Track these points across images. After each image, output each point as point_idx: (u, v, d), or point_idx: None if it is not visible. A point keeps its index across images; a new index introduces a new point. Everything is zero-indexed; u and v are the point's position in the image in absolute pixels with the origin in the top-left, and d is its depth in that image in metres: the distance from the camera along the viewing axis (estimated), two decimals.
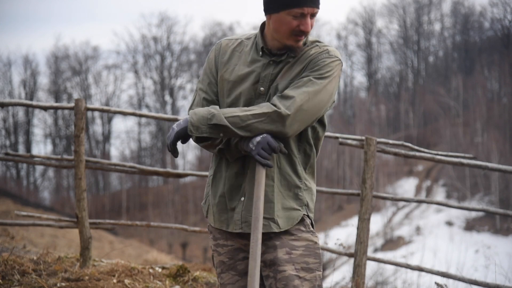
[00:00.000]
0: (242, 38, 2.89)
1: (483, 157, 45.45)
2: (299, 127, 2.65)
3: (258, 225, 2.62)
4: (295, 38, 2.70)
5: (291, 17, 2.66)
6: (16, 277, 5.15)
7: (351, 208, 47.70)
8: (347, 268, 21.66)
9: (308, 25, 2.67)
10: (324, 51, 2.74)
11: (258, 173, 2.66)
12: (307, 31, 2.68)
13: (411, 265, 6.40)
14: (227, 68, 2.82)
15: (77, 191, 5.96)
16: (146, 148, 60.44)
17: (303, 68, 2.73)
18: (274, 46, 2.75)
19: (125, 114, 6.35)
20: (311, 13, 2.68)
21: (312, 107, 2.64)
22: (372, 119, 64.02)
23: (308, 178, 2.82)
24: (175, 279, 5.69)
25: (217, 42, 2.95)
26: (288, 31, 2.68)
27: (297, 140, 2.77)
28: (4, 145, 54.88)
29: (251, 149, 2.62)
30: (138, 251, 25.07)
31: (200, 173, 6.68)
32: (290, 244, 2.75)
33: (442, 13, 71.36)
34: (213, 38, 63.61)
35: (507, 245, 34.78)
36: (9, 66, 58.11)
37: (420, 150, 6.31)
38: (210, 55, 2.90)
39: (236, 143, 2.70)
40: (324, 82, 2.68)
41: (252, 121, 2.61)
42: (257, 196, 2.65)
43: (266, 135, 2.62)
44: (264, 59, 2.77)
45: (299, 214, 2.77)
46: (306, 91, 2.64)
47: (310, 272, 2.74)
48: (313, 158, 2.83)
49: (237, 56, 2.83)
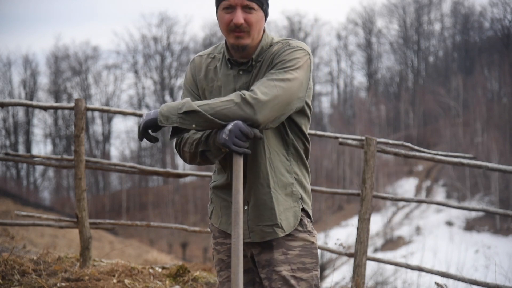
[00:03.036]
0: (214, 52, 2.88)
1: (483, 157, 45.48)
2: (271, 114, 2.60)
3: (238, 220, 2.60)
4: (233, 34, 2.67)
5: (224, 12, 2.67)
6: (16, 277, 5.15)
7: (351, 208, 47.70)
8: (347, 268, 21.65)
9: (239, 17, 2.64)
10: (285, 44, 2.73)
11: (236, 164, 2.62)
12: (238, 23, 2.64)
13: (411, 265, 6.40)
14: (207, 84, 2.83)
15: (77, 191, 5.96)
16: (146, 148, 60.43)
17: (269, 66, 2.72)
18: (236, 55, 2.75)
19: (125, 114, 6.34)
20: (241, 4, 2.65)
21: (282, 94, 2.60)
22: (372, 119, 64.02)
23: (296, 170, 2.81)
24: (175, 279, 5.69)
25: (190, 60, 2.95)
26: (225, 27, 2.68)
27: (284, 134, 2.77)
28: (4, 145, 54.89)
29: (225, 139, 2.58)
30: (138, 251, 25.08)
31: (200, 173, 6.68)
32: (286, 244, 2.76)
33: (442, 13, 71.40)
34: (213, 38, 63.64)
35: (507, 245, 34.78)
36: (9, 66, 58.21)
37: (420, 150, 6.31)
38: (187, 74, 2.91)
39: (213, 140, 2.68)
40: (291, 71, 2.65)
41: (221, 107, 2.58)
42: (236, 189, 2.62)
43: (237, 121, 2.57)
44: (234, 70, 2.77)
45: (297, 211, 2.78)
46: (273, 80, 2.63)
47: (307, 272, 2.75)
48: (303, 150, 2.83)
49: (213, 72, 2.83)
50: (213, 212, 2.92)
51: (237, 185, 2.62)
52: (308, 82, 2.72)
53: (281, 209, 2.75)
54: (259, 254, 2.78)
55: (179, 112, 2.60)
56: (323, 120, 68.38)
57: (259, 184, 2.74)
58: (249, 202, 2.77)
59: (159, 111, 2.64)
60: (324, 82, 70.10)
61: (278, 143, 2.77)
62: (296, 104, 2.68)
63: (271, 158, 2.75)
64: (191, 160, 2.78)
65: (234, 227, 2.61)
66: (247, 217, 2.77)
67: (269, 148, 2.75)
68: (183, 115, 2.60)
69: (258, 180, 2.74)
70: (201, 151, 2.73)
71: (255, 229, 2.76)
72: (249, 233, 2.77)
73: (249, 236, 2.77)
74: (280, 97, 2.60)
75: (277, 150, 2.76)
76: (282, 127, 2.76)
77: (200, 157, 2.75)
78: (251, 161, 2.74)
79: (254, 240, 2.76)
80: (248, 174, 2.75)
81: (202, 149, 2.72)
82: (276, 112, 2.62)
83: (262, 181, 2.74)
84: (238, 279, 2.57)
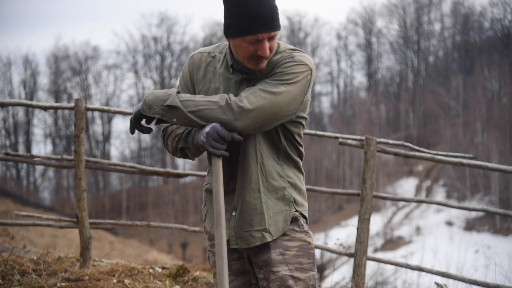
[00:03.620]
0: (215, 51, 2.84)
1: (483, 157, 45.48)
2: (252, 124, 2.59)
3: (221, 221, 2.59)
4: (255, 62, 2.65)
5: (247, 43, 2.62)
6: (16, 277, 5.15)
7: (351, 208, 47.70)
8: (347, 268, 21.65)
9: (266, 50, 2.61)
10: (289, 56, 2.70)
11: (215, 165, 2.62)
12: (265, 56, 2.62)
13: (411, 265, 6.40)
14: (204, 85, 2.80)
15: (77, 191, 5.96)
16: (146, 148, 60.45)
17: (268, 73, 2.69)
18: (242, 65, 2.71)
19: (125, 114, 6.34)
20: (268, 37, 2.62)
21: (269, 107, 2.58)
22: (372, 119, 64.03)
23: (289, 173, 2.80)
24: (175, 279, 5.69)
25: (189, 56, 2.91)
26: (246, 56, 2.64)
27: (276, 140, 2.75)
28: (4, 145, 54.90)
29: (202, 141, 2.58)
30: (138, 251, 25.08)
31: (200, 173, 6.68)
32: (283, 244, 2.75)
33: (442, 13, 71.41)
34: (213, 38, 63.64)
35: (507, 245, 34.79)
36: (9, 66, 58.20)
37: (420, 150, 6.31)
38: (185, 70, 2.88)
39: (192, 139, 2.68)
40: (285, 85, 2.62)
41: (204, 107, 2.58)
42: (216, 190, 2.62)
43: (215, 124, 2.57)
44: (236, 76, 2.74)
45: (288, 214, 2.76)
46: (264, 91, 2.60)
47: (304, 272, 2.74)
48: (296, 154, 2.82)
49: (212, 73, 2.80)
50: (207, 216, 2.91)
51: (217, 187, 2.62)
52: (303, 96, 2.68)
53: (270, 214, 2.74)
54: (256, 255, 2.78)
55: (162, 104, 2.61)
56: (323, 120, 68.40)
57: (250, 189, 2.73)
58: (237, 207, 2.76)
59: (144, 98, 2.65)
60: (324, 82, 70.11)
61: (270, 148, 2.75)
62: (284, 117, 2.66)
63: (263, 163, 2.74)
64: (173, 153, 2.80)
65: (217, 228, 2.60)
66: (234, 223, 2.76)
67: (261, 153, 2.73)
68: (166, 108, 2.61)
69: (249, 185, 2.73)
70: (180, 147, 2.74)
71: (243, 235, 2.75)
72: (236, 239, 2.76)
73: (237, 243, 2.76)
74: (266, 109, 2.59)
75: (269, 155, 2.75)
76: (275, 133, 2.74)
77: (180, 153, 2.77)
78: (242, 166, 2.73)
79: (242, 246, 2.76)
80: (239, 179, 2.74)
81: (182, 146, 2.73)
82: (257, 123, 2.60)
83: (253, 186, 2.73)
84: (223, 279, 2.57)
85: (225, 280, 2.57)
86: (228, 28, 2.64)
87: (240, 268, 2.83)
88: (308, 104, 2.77)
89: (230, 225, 2.77)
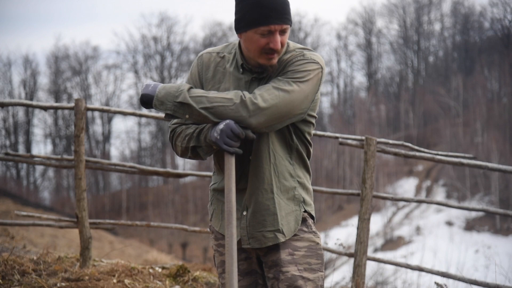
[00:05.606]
0: (225, 52, 2.84)
1: (483, 157, 45.48)
2: (266, 122, 2.59)
3: (232, 220, 2.59)
4: (266, 56, 2.64)
5: (259, 35, 2.61)
6: (16, 277, 5.15)
7: (351, 208, 47.70)
8: (347, 268, 21.66)
9: (277, 42, 2.61)
10: (300, 54, 2.70)
11: (227, 163, 2.61)
12: (277, 48, 2.62)
13: (411, 265, 6.40)
14: (213, 85, 2.79)
15: (77, 191, 5.96)
16: (146, 148, 60.45)
17: (279, 73, 2.69)
18: (252, 63, 2.71)
19: (125, 114, 6.34)
20: (280, 29, 2.62)
21: (283, 105, 2.59)
22: (372, 119, 64.02)
23: (299, 173, 2.81)
24: (175, 279, 5.69)
25: (198, 56, 2.90)
26: (258, 49, 2.64)
27: (288, 140, 2.76)
28: (4, 145, 54.89)
29: (216, 138, 2.58)
30: (138, 251, 25.08)
31: (200, 173, 6.68)
32: (292, 245, 2.76)
33: (442, 13, 71.37)
34: (213, 38, 63.65)
35: (507, 245, 34.79)
36: (9, 66, 58.17)
37: (420, 150, 6.31)
38: (193, 69, 2.86)
39: (205, 137, 2.67)
40: (298, 83, 2.63)
41: (218, 103, 2.57)
42: (228, 188, 2.61)
43: (229, 121, 2.57)
44: (246, 76, 2.74)
45: (298, 214, 2.78)
46: (278, 89, 2.60)
47: (313, 272, 2.75)
48: (306, 153, 2.82)
49: (221, 73, 2.79)
50: (214, 215, 2.91)
51: (229, 184, 2.61)
52: (314, 95, 2.69)
53: (283, 214, 2.75)
54: (265, 255, 2.78)
55: (175, 100, 2.60)
56: (323, 120, 68.35)
57: (263, 189, 2.74)
58: (249, 207, 2.76)
59: (156, 93, 2.63)
60: (324, 82, 69.79)
61: (282, 148, 2.76)
62: (296, 116, 2.67)
63: (275, 163, 2.74)
64: (182, 154, 2.78)
65: (228, 226, 2.60)
66: (246, 223, 2.76)
67: (274, 153, 2.74)
68: (178, 104, 2.60)
69: (262, 185, 2.74)
70: (192, 146, 2.73)
71: (255, 235, 2.75)
72: (249, 239, 2.76)
73: (249, 242, 2.77)
74: (280, 107, 2.59)
75: (282, 155, 2.76)
76: (287, 132, 2.75)
77: (191, 152, 2.75)
78: (255, 167, 2.73)
79: (254, 246, 2.76)
80: (252, 179, 2.74)
81: (194, 144, 2.72)
82: (271, 121, 2.61)
83: (266, 186, 2.74)
84: (233, 278, 2.57)
85: (234, 279, 2.57)
86: (239, 22, 2.65)
87: (247, 268, 2.84)
88: (318, 102, 2.77)
89: (241, 224, 2.77)
